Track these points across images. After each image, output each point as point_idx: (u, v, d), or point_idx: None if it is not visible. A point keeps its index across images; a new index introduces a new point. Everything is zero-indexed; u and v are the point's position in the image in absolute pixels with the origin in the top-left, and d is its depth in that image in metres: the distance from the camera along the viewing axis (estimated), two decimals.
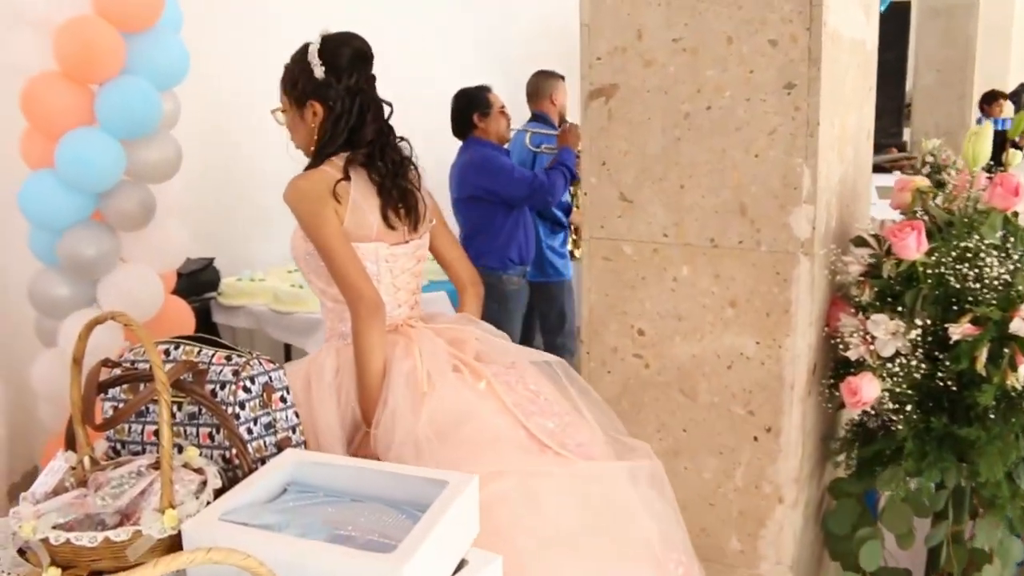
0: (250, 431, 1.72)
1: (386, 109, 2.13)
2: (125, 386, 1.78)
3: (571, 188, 4.32)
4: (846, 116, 1.98)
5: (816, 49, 1.75)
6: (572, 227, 4.43)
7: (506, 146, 4.07)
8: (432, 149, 5.19)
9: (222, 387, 1.71)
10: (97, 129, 2.92)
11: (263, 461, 1.72)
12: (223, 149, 4.06)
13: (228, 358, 1.75)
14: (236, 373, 1.71)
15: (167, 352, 1.79)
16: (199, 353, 1.77)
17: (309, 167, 2.10)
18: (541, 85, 4.42)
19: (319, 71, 2.09)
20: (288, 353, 4.05)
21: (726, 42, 1.83)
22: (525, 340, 4.13)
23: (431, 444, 1.83)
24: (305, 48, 2.12)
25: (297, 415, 1.83)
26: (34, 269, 3.13)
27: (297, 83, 2.12)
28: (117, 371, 1.79)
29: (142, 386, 1.78)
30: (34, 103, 2.89)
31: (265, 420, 1.76)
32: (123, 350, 2.02)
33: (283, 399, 1.80)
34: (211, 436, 1.70)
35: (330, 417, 1.98)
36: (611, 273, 1.99)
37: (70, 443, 1.73)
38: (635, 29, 1.92)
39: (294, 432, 1.81)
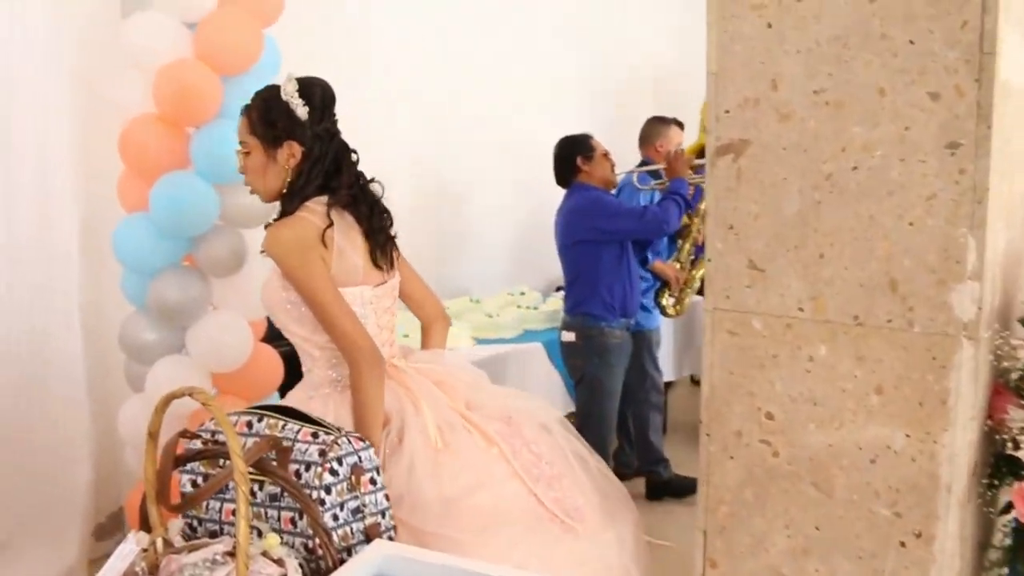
0: (336, 517, 1.56)
1: (353, 156, 2.15)
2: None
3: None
4: (1014, 178, 1.74)
5: (987, 103, 1.53)
6: (659, 278, 4.22)
7: (613, 192, 3.93)
8: (526, 197, 5.09)
9: (307, 468, 1.56)
10: (192, 173, 2.85)
11: (350, 551, 1.56)
12: None
13: (315, 435, 1.60)
14: (323, 453, 1.56)
15: (249, 424, 1.65)
16: (284, 428, 1.62)
17: (284, 213, 2.09)
18: (649, 131, 4.30)
19: (302, 111, 2.08)
20: None
21: (877, 94, 1.62)
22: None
23: (455, 507, 1.87)
24: (276, 88, 2.11)
25: (387, 497, 1.67)
26: (127, 312, 3.08)
27: (276, 123, 2.09)
28: (196, 443, 1.66)
29: (222, 461, 1.65)
30: (131, 145, 2.85)
31: (353, 505, 1.60)
32: (203, 418, 1.91)
33: (373, 481, 1.64)
34: (293, 522, 1.55)
35: None
36: (737, 349, 1.78)
37: (143, 522, 1.60)
38: (769, 79, 1.73)
39: (384, 516, 1.65)
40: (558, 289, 5.43)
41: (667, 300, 4.18)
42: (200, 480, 1.66)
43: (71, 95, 3.17)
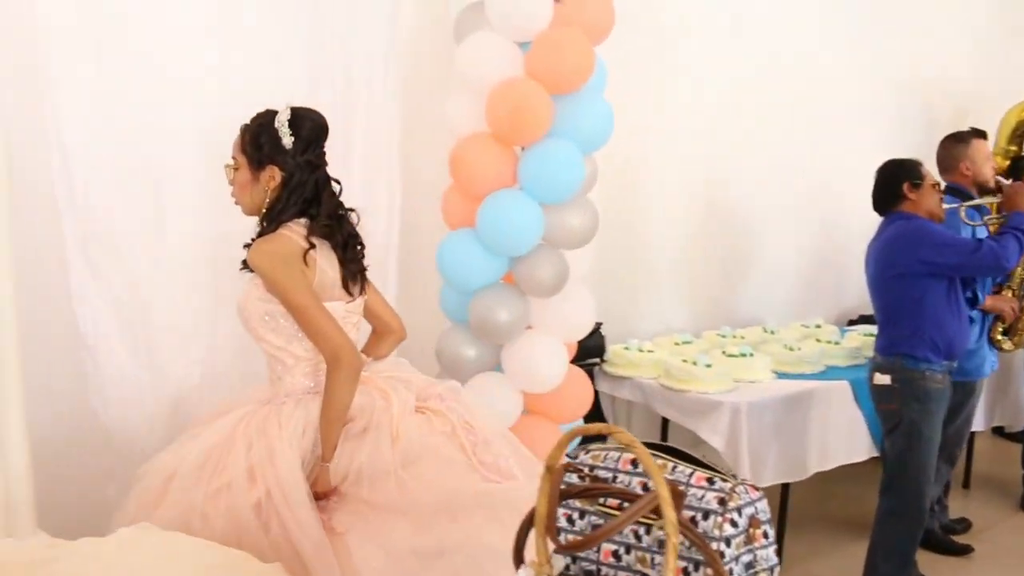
0: (731, 572, 1.44)
1: (336, 187, 2.31)
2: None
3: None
4: None
5: None
6: (992, 316, 3.81)
7: None
8: (816, 224, 4.80)
9: (705, 517, 1.44)
10: (518, 191, 2.86)
11: None
12: (625, 215, 3.94)
13: (710, 481, 1.48)
14: (722, 502, 1.44)
15: (634, 463, 1.57)
16: (674, 470, 1.52)
17: (266, 231, 2.23)
18: (948, 153, 3.87)
19: (287, 140, 2.22)
20: (665, 430, 3.80)
21: None
22: None
23: (403, 473, 2.13)
24: (272, 114, 2.25)
25: (778, 553, 1.53)
26: (439, 327, 3.14)
27: (262, 146, 2.24)
28: (572, 476, 1.59)
29: (602, 499, 1.57)
30: (461, 163, 2.89)
31: (746, 559, 1.47)
32: (576, 449, 1.85)
33: (766, 535, 1.49)
34: (687, 572, 1.44)
35: (296, 471, 2.12)
36: None
37: (518, 555, 1.55)
38: None
39: (772, 573, 1.51)
40: (851, 323, 5.08)
41: (1002, 335, 3.77)
42: (576, 516, 1.59)
43: (402, 114, 3.28)
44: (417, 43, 3.32)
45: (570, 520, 1.59)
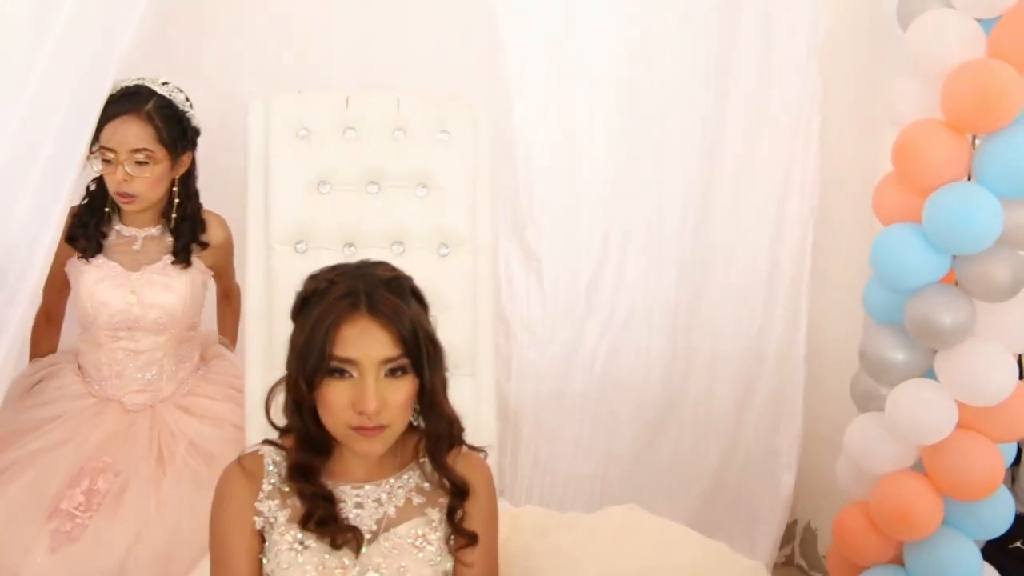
0: None
1: None
2: None
3: None
4: None
5: None
6: None
7: None
8: None
9: None
10: (974, 184, 2.60)
11: None
12: None
13: None
14: None
15: None
16: None
17: (192, 218, 2.44)
18: None
19: (196, 118, 2.37)
20: None
21: None
22: None
23: None
24: (157, 94, 2.27)
25: None
26: (854, 326, 2.97)
27: (185, 131, 2.33)
28: None
29: None
30: (907, 153, 2.68)
31: None
32: None
33: None
34: None
35: None
36: None
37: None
38: None
39: None
40: None
41: None
42: None
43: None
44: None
45: None
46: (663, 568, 1.69)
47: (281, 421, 1.59)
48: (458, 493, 1.58)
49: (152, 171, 2.27)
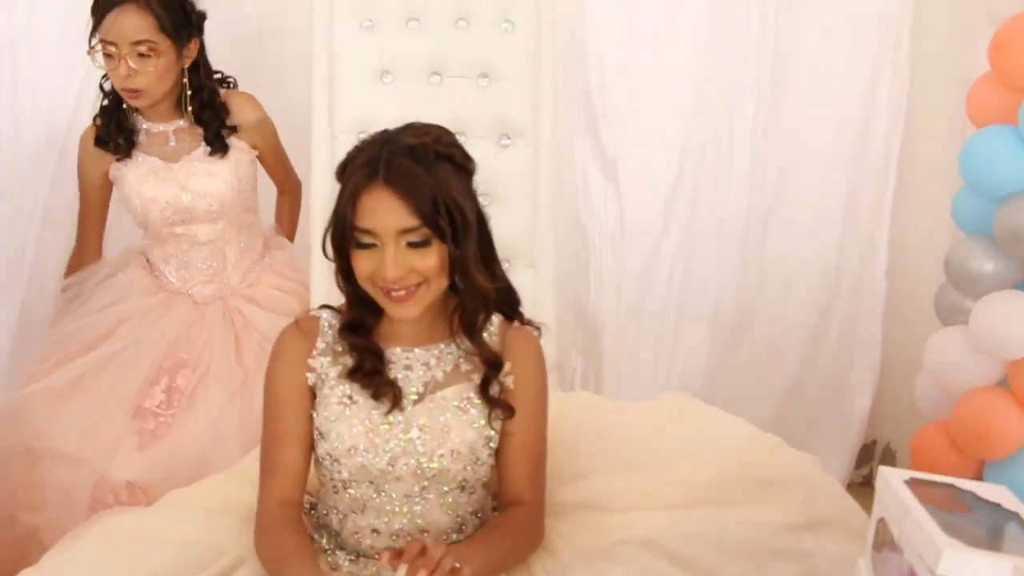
0: None
1: None
2: None
3: None
4: None
5: None
6: None
7: None
8: None
9: None
10: None
11: None
12: None
13: None
14: None
15: None
16: None
17: (215, 104, 2.33)
18: None
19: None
20: None
21: None
22: None
23: None
24: None
25: None
26: (943, 236, 2.83)
27: (188, 16, 2.20)
28: None
29: None
30: (1005, 50, 2.50)
31: None
32: None
33: None
34: None
35: None
36: None
37: None
38: None
39: None
40: None
41: None
42: None
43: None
44: None
45: None
46: (713, 450, 1.65)
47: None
48: (491, 365, 1.57)
49: (156, 64, 2.14)
